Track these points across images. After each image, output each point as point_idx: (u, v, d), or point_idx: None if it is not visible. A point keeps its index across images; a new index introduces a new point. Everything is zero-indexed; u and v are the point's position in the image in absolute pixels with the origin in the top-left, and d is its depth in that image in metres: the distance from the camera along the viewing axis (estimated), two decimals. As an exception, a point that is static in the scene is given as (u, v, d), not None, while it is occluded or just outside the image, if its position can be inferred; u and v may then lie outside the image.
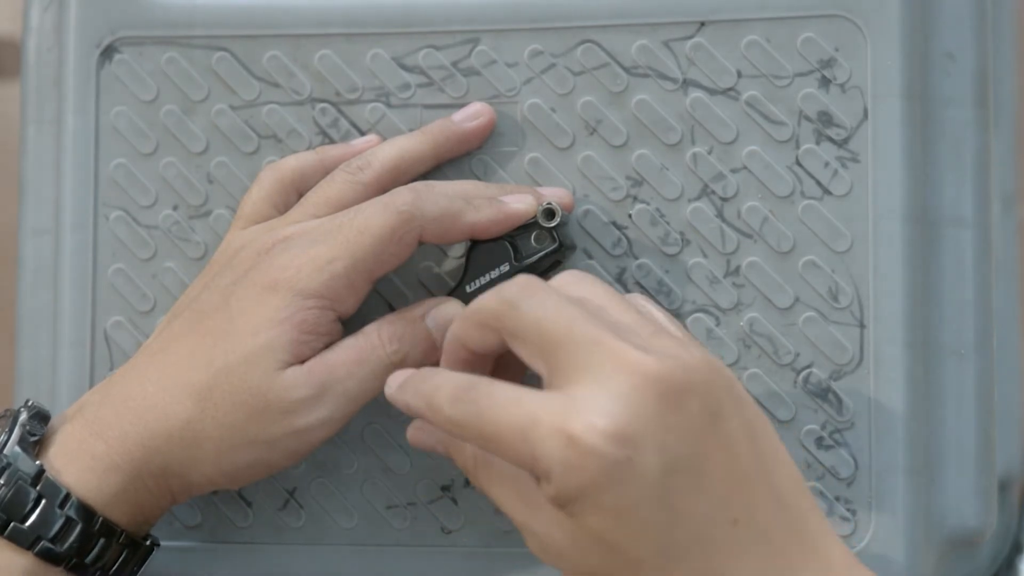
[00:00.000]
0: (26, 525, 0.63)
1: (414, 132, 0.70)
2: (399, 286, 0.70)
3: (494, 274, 0.67)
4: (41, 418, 0.65)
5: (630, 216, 0.69)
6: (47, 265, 0.73)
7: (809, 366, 0.67)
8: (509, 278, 0.66)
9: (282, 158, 0.70)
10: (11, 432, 0.64)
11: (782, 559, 0.57)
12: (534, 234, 0.67)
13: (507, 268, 0.67)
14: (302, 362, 0.64)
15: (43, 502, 0.63)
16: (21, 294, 0.73)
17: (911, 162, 0.67)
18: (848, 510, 0.67)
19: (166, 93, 0.72)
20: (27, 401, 0.66)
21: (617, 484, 0.55)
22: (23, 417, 0.65)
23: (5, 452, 0.64)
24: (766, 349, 0.68)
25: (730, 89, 0.68)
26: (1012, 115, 0.79)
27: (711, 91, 0.69)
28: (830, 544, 0.58)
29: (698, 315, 0.68)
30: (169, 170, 0.72)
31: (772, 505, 0.57)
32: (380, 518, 0.70)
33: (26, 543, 0.63)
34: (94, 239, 0.72)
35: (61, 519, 0.63)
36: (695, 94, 0.69)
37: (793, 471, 0.58)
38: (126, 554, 0.65)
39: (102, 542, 0.64)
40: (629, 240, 0.69)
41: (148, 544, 0.67)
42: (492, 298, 0.59)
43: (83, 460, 0.64)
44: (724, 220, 0.68)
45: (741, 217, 0.68)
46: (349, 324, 0.66)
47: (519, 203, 0.67)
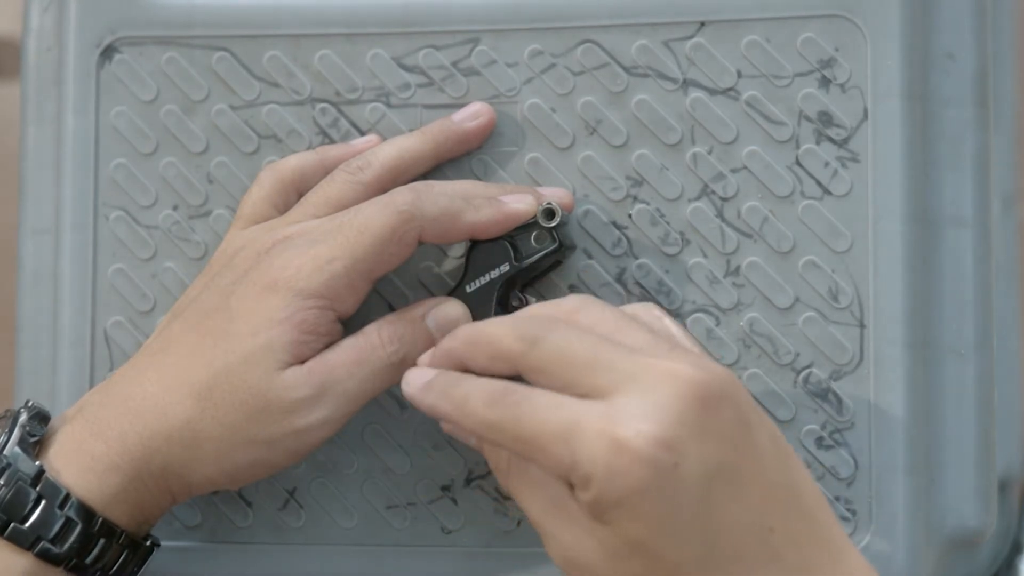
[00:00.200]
0: (26, 526, 0.63)
1: (414, 132, 0.70)
2: (399, 286, 0.70)
3: (494, 274, 0.67)
4: (41, 418, 0.65)
5: (630, 216, 0.69)
6: (47, 265, 0.73)
7: (809, 366, 0.67)
8: (509, 278, 0.67)
9: (282, 158, 0.70)
10: (11, 433, 0.64)
11: (812, 567, 0.57)
12: (534, 234, 0.67)
13: (507, 268, 0.67)
14: (302, 362, 0.64)
15: (43, 503, 0.63)
16: (21, 294, 0.73)
17: (911, 162, 0.67)
18: (848, 510, 0.67)
19: (166, 93, 0.72)
20: (27, 401, 0.66)
21: (662, 490, 0.55)
22: (23, 418, 0.65)
23: (5, 453, 0.64)
24: (766, 349, 0.68)
25: (730, 89, 0.68)
26: (1012, 115, 0.79)
27: (711, 91, 0.69)
28: (851, 553, 0.59)
29: (698, 315, 0.68)
30: (169, 170, 0.72)
31: (800, 515, 0.58)
32: (380, 518, 0.70)
33: (26, 544, 0.63)
34: (94, 239, 0.72)
35: (61, 520, 0.63)
36: (695, 94, 0.69)
37: (813, 484, 0.59)
38: (126, 554, 0.65)
39: (102, 542, 0.64)
40: (629, 240, 0.69)
41: (148, 544, 0.67)
42: (508, 334, 0.59)
43: (83, 460, 0.64)
44: (724, 220, 0.68)
45: (741, 217, 0.68)
46: (349, 324, 0.66)
47: (519, 203, 0.67)
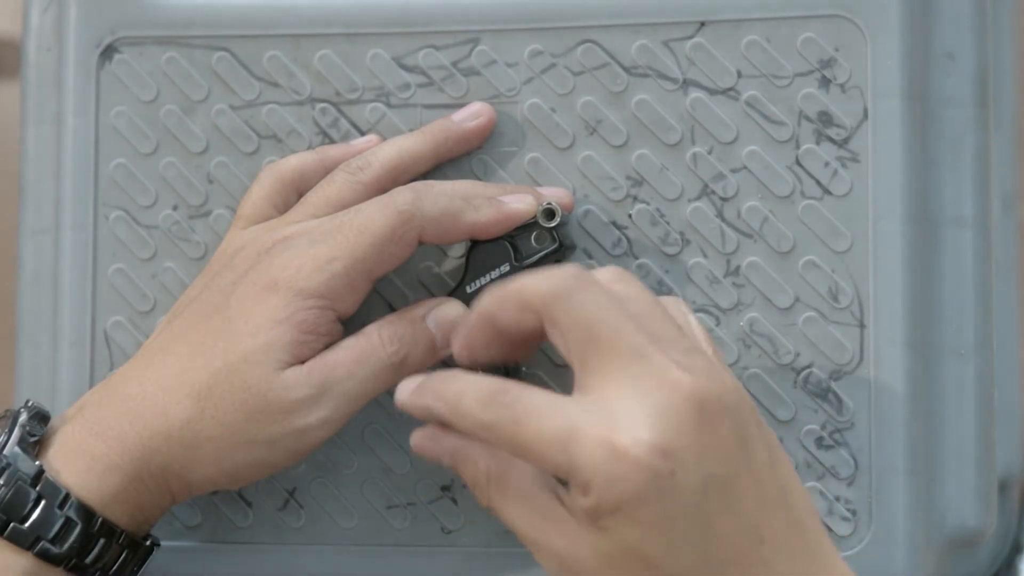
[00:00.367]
0: (26, 526, 0.63)
1: (414, 132, 0.70)
2: (399, 286, 0.70)
3: (494, 274, 0.67)
4: (41, 418, 0.65)
5: (630, 216, 0.69)
6: (47, 265, 0.72)
7: (809, 366, 0.67)
8: (509, 278, 0.67)
9: (282, 158, 0.70)
10: (11, 432, 0.64)
11: None
12: (534, 234, 0.67)
13: (507, 268, 0.67)
14: (302, 362, 0.64)
15: (43, 502, 0.63)
16: (21, 294, 0.73)
17: (911, 162, 0.67)
18: (848, 510, 0.67)
19: (166, 93, 0.72)
20: (27, 401, 0.66)
21: (659, 497, 0.55)
22: (23, 417, 0.65)
23: (5, 452, 0.64)
24: (766, 349, 0.68)
25: (730, 89, 0.68)
26: (1012, 115, 0.79)
27: (711, 91, 0.69)
28: (837, 563, 0.59)
29: (698, 315, 0.68)
30: (169, 170, 0.72)
31: (791, 526, 0.58)
32: (380, 518, 0.70)
33: (26, 543, 0.63)
34: (94, 239, 0.72)
35: (61, 519, 0.63)
36: (695, 94, 0.69)
37: (805, 495, 0.59)
38: (126, 554, 0.65)
39: (102, 542, 0.64)
40: (629, 240, 0.69)
41: (148, 544, 0.67)
42: (543, 282, 0.58)
43: (83, 460, 0.64)
44: (724, 220, 0.68)
45: (741, 217, 0.68)
46: (349, 324, 0.66)
47: (519, 203, 0.67)
